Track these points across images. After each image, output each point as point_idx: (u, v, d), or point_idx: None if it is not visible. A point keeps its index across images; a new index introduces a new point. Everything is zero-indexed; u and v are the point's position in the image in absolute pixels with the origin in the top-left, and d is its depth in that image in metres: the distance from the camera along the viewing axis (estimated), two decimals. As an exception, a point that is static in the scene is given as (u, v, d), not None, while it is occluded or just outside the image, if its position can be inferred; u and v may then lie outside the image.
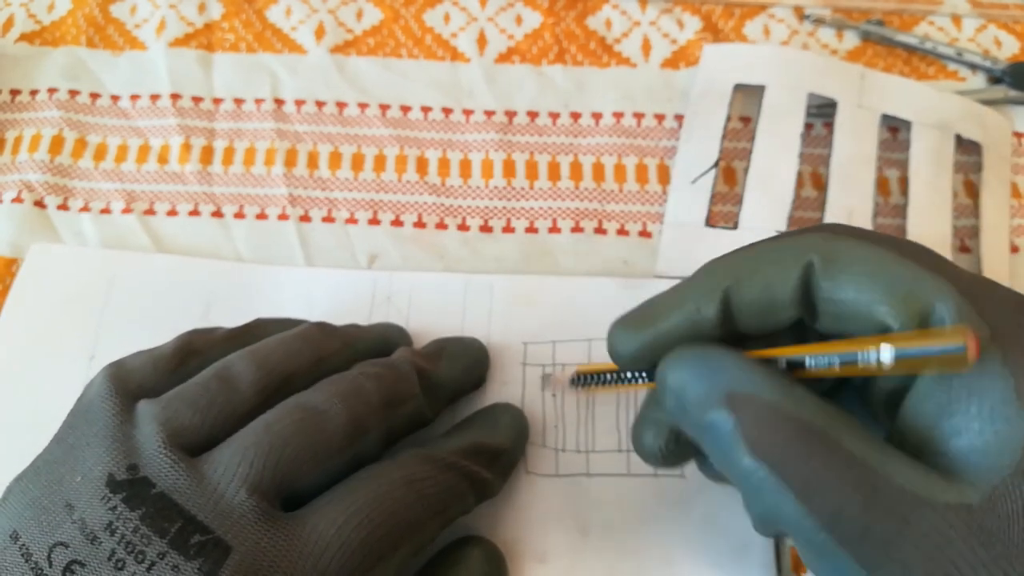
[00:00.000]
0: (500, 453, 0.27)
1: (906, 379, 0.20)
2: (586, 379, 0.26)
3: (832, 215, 0.34)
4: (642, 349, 0.23)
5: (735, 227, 0.35)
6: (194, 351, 0.26)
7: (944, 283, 0.20)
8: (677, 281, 0.24)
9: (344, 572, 0.21)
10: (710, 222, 0.35)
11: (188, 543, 0.20)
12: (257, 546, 0.21)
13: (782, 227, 0.34)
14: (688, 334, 0.22)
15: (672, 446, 0.24)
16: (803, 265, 0.21)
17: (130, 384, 0.25)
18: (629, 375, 0.24)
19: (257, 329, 0.28)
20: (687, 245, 0.34)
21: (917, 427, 0.20)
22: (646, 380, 0.24)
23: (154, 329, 0.32)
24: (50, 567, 0.20)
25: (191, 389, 0.24)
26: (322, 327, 0.28)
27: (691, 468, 0.30)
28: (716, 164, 0.36)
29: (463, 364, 0.30)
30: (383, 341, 0.29)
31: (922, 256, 0.21)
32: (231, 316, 0.32)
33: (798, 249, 0.22)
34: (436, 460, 0.25)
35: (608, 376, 0.25)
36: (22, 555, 0.21)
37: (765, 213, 0.35)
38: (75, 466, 0.22)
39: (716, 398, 0.21)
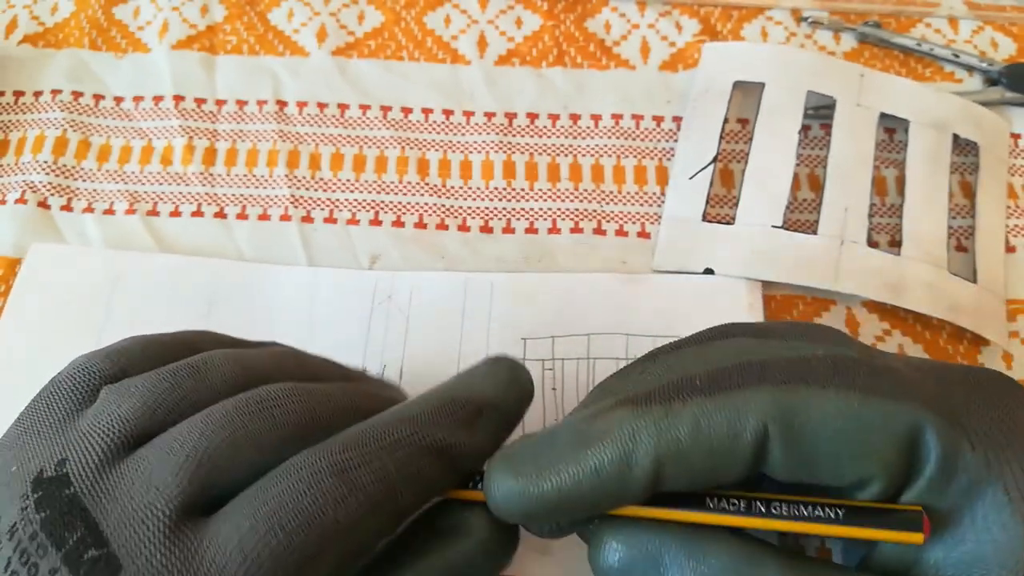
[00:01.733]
0: (483, 407, 0.22)
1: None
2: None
3: (829, 214, 0.35)
4: (538, 505, 0.20)
5: (732, 223, 0.35)
6: (195, 347, 0.24)
7: (918, 412, 0.19)
8: (675, 276, 0.24)
9: None
10: (707, 218, 0.35)
11: (81, 559, 0.18)
12: (149, 564, 0.18)
13: (778, 223, 0.34)
14: (602, 497, 0.20)
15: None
16: (756, 435, 0.19)
17: (107, 367, 0.22)
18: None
19: (270, 346, 0.26)
20: (684, 240, 0.35)
21: (902, 556, 0.19)
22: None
23: (157, 329, 0.32)
24: None
25: (157, 374, 0.21)
26: (336, 364, 0.26)
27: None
28: (714, 160, 0.36)
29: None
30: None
31: (880, 382, 0.20)
32: (234, 315, 0.33)
33: (749, 415, 0.19)
34: (377, 439, 0.20)
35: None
36: None
37: (761, 210, 0.35)
38: (18, 454, 0.20)
39: None
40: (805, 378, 0.20)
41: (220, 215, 0.36)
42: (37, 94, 0.39)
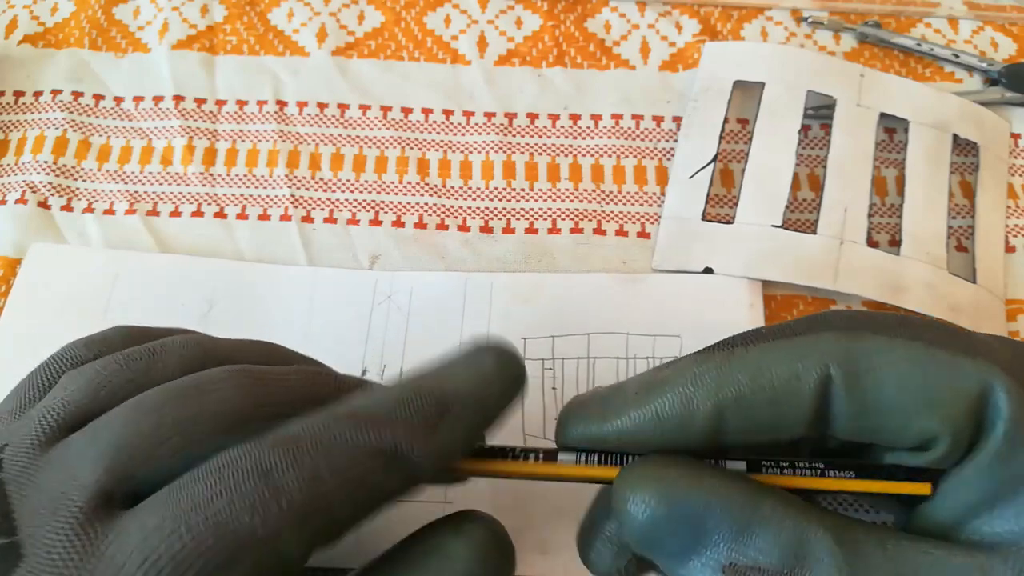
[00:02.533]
0: (451, 403, 0.19)
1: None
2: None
3: (829, 213, 0.35)
4: (599, 446, 0.20)
5: (731, 223, 0.35)
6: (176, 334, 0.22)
7: (988, 367, 0.18)
8: (674, 276, 0.23)
9: None
10: (707, 217, 0.35)
11: None
12: (49, 557, 0.16)
13: (778, 223, 0.34)
14: (662, 443, 0.19)
15: (634, 570, 0.20)
16: (819, 379, 0.18)
17: (83, 354, 0.21)
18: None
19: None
20: (684, 240, 0.35)
21: (948, 515, 0.19)
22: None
23: (157, 328, 0.32)
24: None
25: (113, 357, 0.20)
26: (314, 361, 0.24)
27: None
28: (714, 160, 0.36)
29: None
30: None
31: (951, 338, 0.19)
32: (234, 315, 0.33)
33: (811, 358, 0.18)
34: (315, 436, 0.18)
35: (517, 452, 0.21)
36: None
37: (761, 209, 0.35)
38: None
39: (711, 567, 0.18)
40: (871, 327, 0.19)
41: (220, 215, 0.36)
42: (37, 94, 0.39)
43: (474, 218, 0.36)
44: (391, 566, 0.19)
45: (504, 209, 0.36)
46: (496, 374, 0.20)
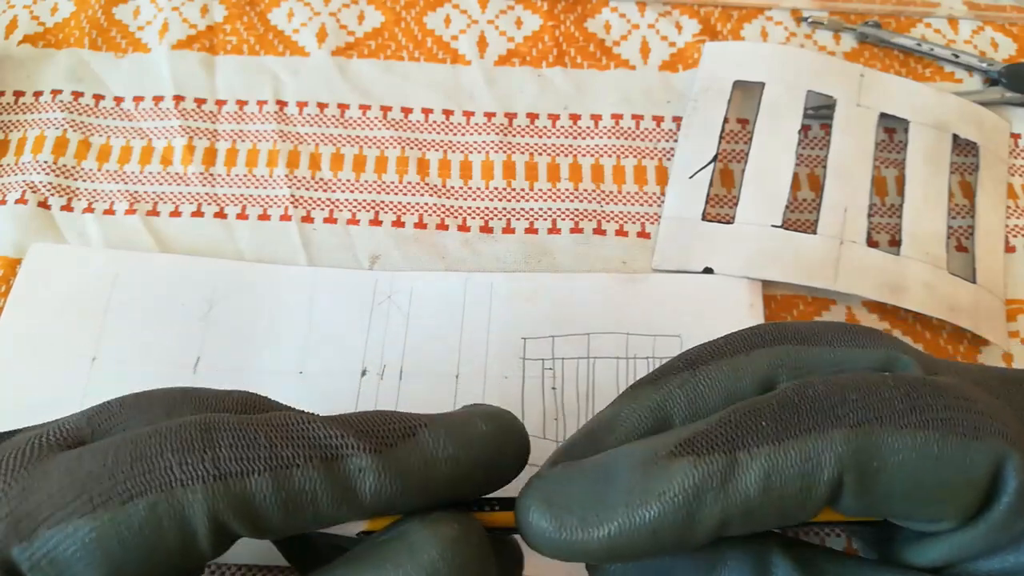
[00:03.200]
0: (418, 430, 0.18)
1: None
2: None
3: (828, 213, 0.35)
4: (582, 554, 0.18)
5: (731, 222, 0.35)
6: None
7: (999, 446, 0.17)
8: (674, 276, 0.23)
9: None
10: (707, 217, 0.35)
11: None
12: None
13: (778, 223, 0.34)
14: (657, 552, 0.18)
15: None
16: (831, 487, 0.17)
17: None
18: None
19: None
20: (684, 240, 0.35)
21: (938, 560, 0.19)
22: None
23: (157, 329, 0.32)
24: None
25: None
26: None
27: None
28: (714, 159, 0.36)
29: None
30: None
31: (963, 413, 0.18)
32: (233, 315, 0.33)
33: (822, 466, 0.17)
34: (265, 419, 0.18)
35: None
36: None
37: (761, 209, 0.35)
38: None
39: None
40: (880, 416, 0.18)
41: (220, 215, 0.36)
42: (37, 94, 0.39)
43: (474, 218, 0.36)
44: (355, 555, 0.18)
45: (504, 209, 0.36)
46: (487, 430, 0.19)
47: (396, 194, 0.37)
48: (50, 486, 0.17)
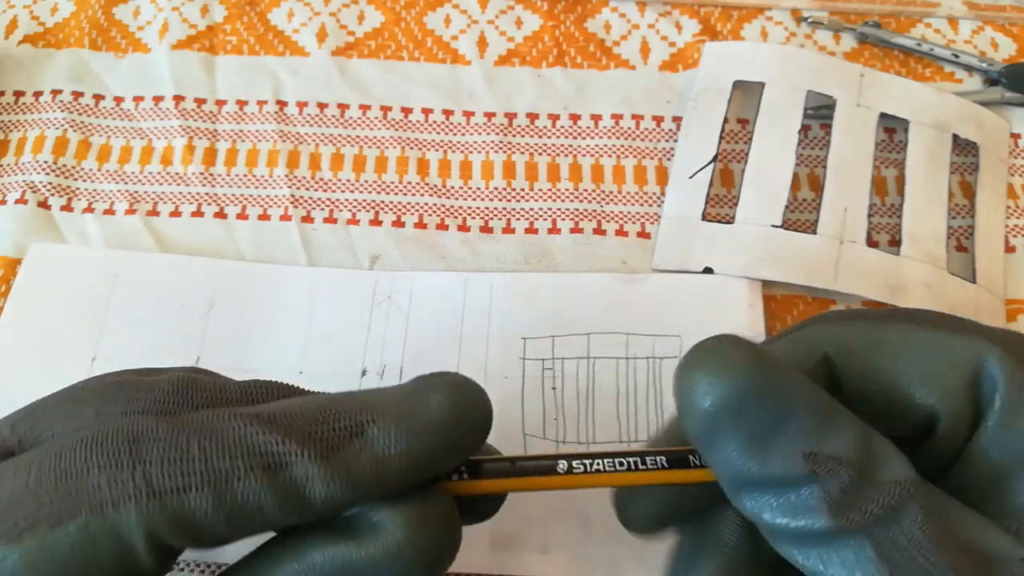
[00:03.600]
0: (368, 426, 0.17)
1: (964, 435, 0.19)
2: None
3: (828, 213, 0.35)
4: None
5: (731, 222, 0.35)
6: None
7: (979, 341, 0.18)
8: (674, 276, 0.23)
9: None
10: (707, 217, 0.35)
11: None
12: None
13: (778, 223, 0.34)
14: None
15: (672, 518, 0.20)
16: (818, 363, 0.18)
17: None
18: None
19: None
20: (684, 239, 0.35)
21: (979, 481, 0.18)
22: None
23: (157, 329, 0.32)
24: None
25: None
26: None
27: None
28: (714, 159, 0.36)
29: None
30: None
31: (941, 320, 0.19)
32: (234, 315, 0.33)
33: (807, 343, 0.19)
34: (200, 421, 0.17)
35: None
36: None
37: (761, 209, 0.35)
38: None
39: (791, 459, 0.16)
40: (864, 316, 0.19)
41: (220, 215, 0.36)
42: (37, 94, 0.39)
43: (474, 218, 0.36)
44: (322, 528, 0.18)
45: (504, 209, 0.36)
46: (442, 409, 0.18)
47: (396, 194, 0.37)
48: None
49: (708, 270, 0.34)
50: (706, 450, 0.17)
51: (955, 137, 0.37)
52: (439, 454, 0.18)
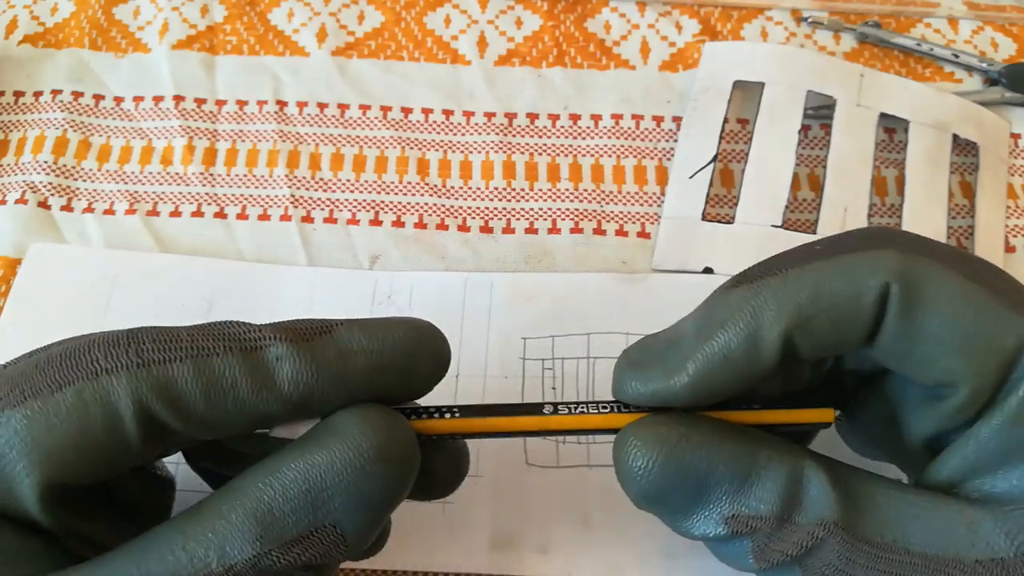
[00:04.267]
0: (335, 328, 0.19)
1: (951, 427, 0.19)
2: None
3: (828, 214, 0.35)
4: (672, 401, 0.20)
5: (731, 222, 0.35)
6: None
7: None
8: (674, 276, 0.23)
9: None
10: (707, 217, 0.35)
11: None
12: None
13: (778, 223, 0.34)
14: (731, 382, 0.19)
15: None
16: (879, 296, 0.18)
17: None
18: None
19: None
20: (684, 239, 0.35)
21: (953, 471, 0.19)
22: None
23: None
24: None
25: None
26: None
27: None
28: (714, 159, 0.36)
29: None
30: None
31: (1008, 288, 0.19)
32: (233, 315, 0.32)
33: (874, 276, 0.18)
34: (194, 327, 0.19)
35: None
36: None
37: (761, 208, 0.35)
38: None
39: (714, 519, 0.19)
40: (933, 255, 0.19)
41: (220, 215, 0.36)
42: (37, 94, 0.39)
43: (474, 218, 0.36)
44: (283, 447, 0.19)
45: (504, 209, 0.36)
46: (402, 329, 0.20)
47: (396, 194, 0.37)
48: None
49: (708, 270, 0.34)
50: (650, 509, 0.20)
51: (955, 137, 0.37)
52: (399, 366, 0.19)
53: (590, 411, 0.21)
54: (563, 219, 0.36)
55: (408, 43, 0.41)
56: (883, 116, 0.37)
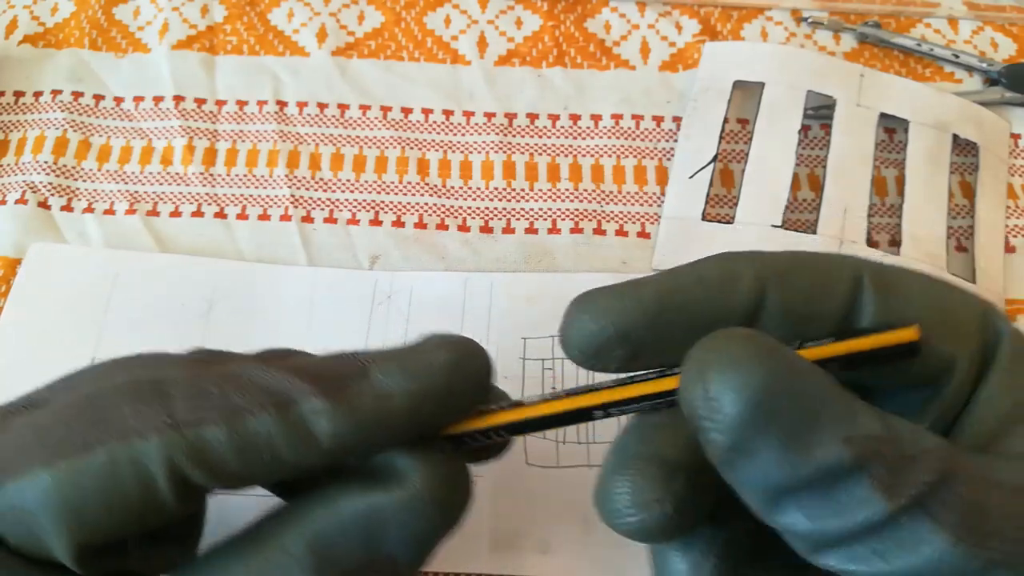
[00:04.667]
0: (372, 369, 0.18)
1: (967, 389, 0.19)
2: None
3: (828, 214, 0.35)
4: (636, 314, 0.18)
5: (731, 222, 0.35)
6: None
7: (979, 297, 0.19)
8: None
9: None
10: (707, 217, 0.35)
11: None
12: None
13: (778, 222, 0.34)
14: (705, 304, 0.18)
15: (686, 500, 0.17)
16: (852, 281, 0.18)
17: None
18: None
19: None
20: (683, 238, 0.35)
21: (981, 434, 0.19)
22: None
23: (157, 328, 0.32)
24: None
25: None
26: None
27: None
28: (714, 159, 0.36)
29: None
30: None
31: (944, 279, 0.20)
32: (233, 315, 0.33)
33: (847, 262, 0.19)
34: (223, 371, 0.18)
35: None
36: None
37: (761, 208, 0.35)
38: None
39: (835, 450, 0.15)
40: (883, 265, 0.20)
41: (220, 215, 0.36)
42: (37, 94, 0.39)
43: (474, 218, 0.36)
44: (346, 478, 0.19)
45: (504, 209, 0.36)
46: (440, 354, 0.19)
47: (396, 194, 0.37)
48: (10, 442, 0.18)
49: (708, 270, 0.34)
50: (739, 461, 0.16)
51: (955, 137, 0.37)
52: (440, 397, 0.19)
53: (638, 380, 0.19)
54: (563, 219, 0.36)
55: (408, 43, 0.41)
56: (883, 116, 0.37)
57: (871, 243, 0.35)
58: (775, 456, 0.15)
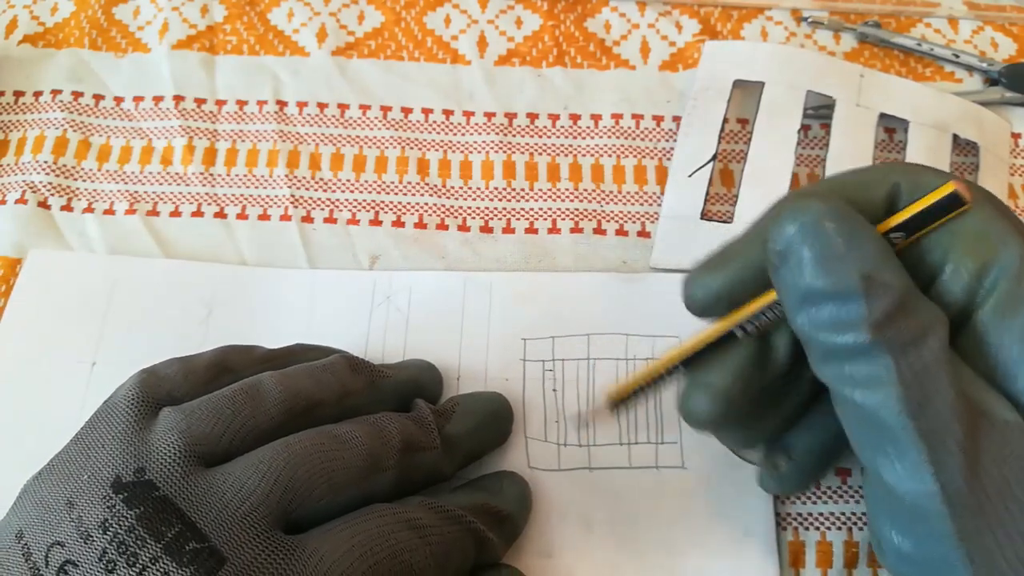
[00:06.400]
0: (505, 518, 0.27)
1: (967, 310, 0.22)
2: (623, 400, 0.26)
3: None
4: (725, 287, 0.24)
5: (731, 221, 0.35)
6: (228, 368, 0.26)
7: (1013, 233, 0.21)
8: (673, 274, 0.24)
9: None
10: (706, 216, 0.35)
11: (183, 549, 0.20)
12: (254, 561, 0.21)
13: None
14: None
15: (724, 409, 0.23)
16: (889, 186, 0.22)
17: (158, 390, 0.25)
18: (665, 374, 0.25)
19: (294, 355, 0.28)
20: (683, 238, 0.35)
21: (984, 356, 0.21)
22: (683, 371, 0.25)
23: (156, 334, 0.32)
24: (47, 567, 0.20)
25: (217, 400, 0.24)
26: (350, 360, 0.27)
27: (692, 461, 0.30)
28: (714, 158, 0.36)
29: (477, 421, 0.28)
30: (412, 383, 0.29)
31: (999, 208, 0.22)
32: (233, 319, 0.33)
33: (882, 172, 0.23)
34: (442, 511, 0.24)
35: (643, 388, 0.25)
36: (23, 554, 0.21)
37: (761, 208, 0.35)
38: (85, 465, 0.22)
39: (850, 276, 0.20)
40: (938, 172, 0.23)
41: (220, 215, 0.36)
42: (37, 94, 0.39)
43: (474, 218, 0.36)
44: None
45: (504, 209, 0.36)
46: (520, 496, 0.28)
47: (396, 194, 0.37)
48: None
49: (708, 270, 0.34)
50: (783, 264, 0.21)
51: (955, 137, 0.37)
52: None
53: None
54: (563, 219, 0.36)
55: (408, 43, 0.41)
56: (883, 116, 0.37)
57: (871, 243, 0.35)
58: (807, 266, 0.20)
